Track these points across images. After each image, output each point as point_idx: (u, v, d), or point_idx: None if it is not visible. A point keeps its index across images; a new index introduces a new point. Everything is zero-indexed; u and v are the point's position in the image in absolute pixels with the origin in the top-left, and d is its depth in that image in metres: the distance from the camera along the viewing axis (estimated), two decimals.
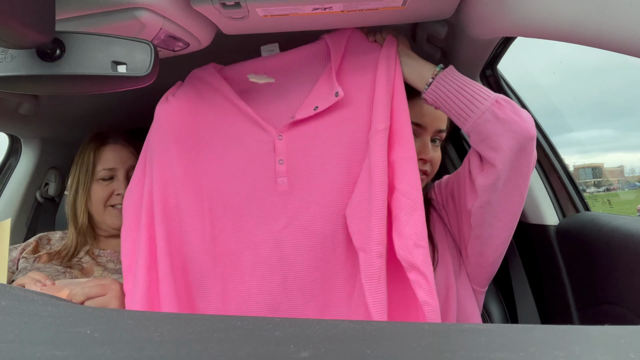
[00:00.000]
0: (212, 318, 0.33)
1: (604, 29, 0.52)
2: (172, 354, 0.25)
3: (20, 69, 0.56)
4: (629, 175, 4.22)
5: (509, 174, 0.74)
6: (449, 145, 2.03)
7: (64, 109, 1.35)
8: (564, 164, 1.21)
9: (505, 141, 0.72)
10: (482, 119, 0.73)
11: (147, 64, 0.56)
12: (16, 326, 0.29)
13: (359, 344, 0.26)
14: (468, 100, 0.75)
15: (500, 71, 1.23)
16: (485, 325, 0.31)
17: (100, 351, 0.25)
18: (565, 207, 1.15)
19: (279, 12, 0.77)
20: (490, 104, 0.73)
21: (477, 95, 0.75)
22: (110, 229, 1.07)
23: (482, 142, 0.75)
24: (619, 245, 0.88)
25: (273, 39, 0.97)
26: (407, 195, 0.73)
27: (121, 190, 1.06)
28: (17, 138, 1.40)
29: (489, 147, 0.74)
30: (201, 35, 0.84)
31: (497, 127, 0.72)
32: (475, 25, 0.82)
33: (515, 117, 0.73)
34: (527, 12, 0.65)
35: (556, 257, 1.10)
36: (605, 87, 42.47)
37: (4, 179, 1.41)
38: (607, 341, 0.27)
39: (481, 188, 0.78)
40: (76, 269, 1.03)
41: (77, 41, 0.56)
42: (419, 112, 0.89)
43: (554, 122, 1.85)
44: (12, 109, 1.19)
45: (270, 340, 0.27)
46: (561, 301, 1.09)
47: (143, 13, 0.70)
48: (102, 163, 1.07)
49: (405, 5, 0.76)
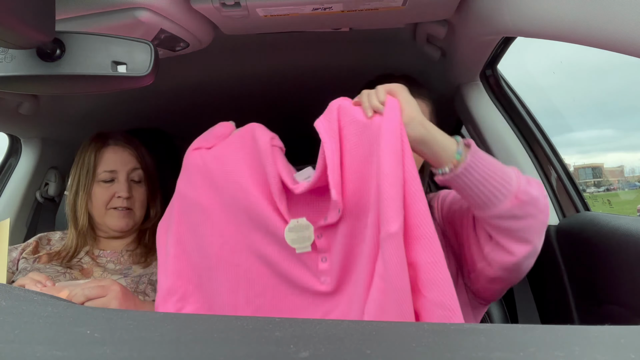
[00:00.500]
0: (212, 318, 0.33)
1: (604, 29, 0.52)
2: (172, 354, 0.25)
3: (20, 69, 0.56)
4: (629, 175, 4.23)
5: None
6: None
7: (64, 109, 1.35)
8: (564, 164, 1.21)
9: (535, 236, 0.67)
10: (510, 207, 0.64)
11: (147, 64, 0.56)
12: (16, 326, 0.29)
13: (359, 344, 0.26)
14: (495, 188, 0.65)
15: (500, 71, 1.23)
16: (485, 325, 0.31)
17: (100, 351, 0.25)
18: (565, 207, 1.15)
19: (279, 12, 0.77)
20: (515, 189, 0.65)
21: (503, 182, 0.65)
22: (111, 231, 1.07)
23: (505, 232, 0.67)
24: (619, 245, 0.88)
25: (273, 39, 0.97)
26: (443, 307, 0.61)
27: (122, 193, 1.05)
28: (17, 138, 1.40)
29: (515, 239, 0.67)
30: (201, 35, 0.84)
31: (527, 221, 0.65)
32: (475, 25, 0.82)
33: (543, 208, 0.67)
34: (527, 12, 0.65)
35: (556, 257, 1.10)
36: (605, 87, 42.54)
37: (4, 179, 1.41)
38: (607, 341, 0.27)
39: (495, 262, 0.71)
40: (76, 269, 1.02)
41: (77, 41, 0.56)
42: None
43: (554, 122, 1.85)
44: (12, 109, 1.19)
45: (270, 340, 0.27)
46: (561, 301, 1.09)
47: (143, 13, 0.70)
48: (103, 165, 1.07)
49: (405, 5, 0.76)
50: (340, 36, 1.00)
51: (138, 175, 1.10)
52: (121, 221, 1.05)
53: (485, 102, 1.22)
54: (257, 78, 1.37)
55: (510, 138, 1.20)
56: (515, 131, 1.20)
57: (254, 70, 1.31)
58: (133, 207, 1.07)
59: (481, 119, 1.23)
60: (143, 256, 1.07)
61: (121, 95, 1.37)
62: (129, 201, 1.06)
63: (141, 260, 1.06)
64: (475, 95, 1.23)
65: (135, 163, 1.10)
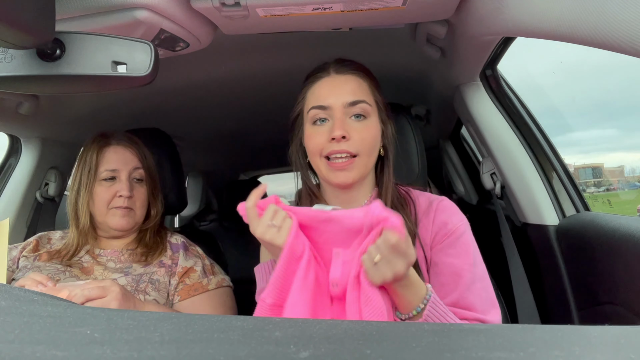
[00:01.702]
0: (212, 318, 0.33)
1: (604, 29, 0.52)
2: (172, 354, 0.25)
3: (20, 69, 0.56)
4: (629, 175, 4.22)
5: None
6: (449, 145, 2.03)
7: (64, 109, 1.35)
8: (564, 164, 1.21)
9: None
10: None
11: (147, 64, 0.56)
12: (16, 326, 0.29)
13: (359, 344, 0.26)
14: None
15: (500, 71, 1.23)
16: (485, 325, 0.31)
17: (100, 351, 0.25)
18: (565, 207, 1.15)
19: (278, 12, 0.77)
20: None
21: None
22: (112, 230, 1.07)
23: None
24: (619, 245, 0.88)
25: (273, 39, 0.97)
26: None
27: (123, 192, 1.05)
28: (17, 138, 1.40)
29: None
30: (201, 35, 0.84)
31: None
32: (475, 25, 0.82)
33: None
34: (527, 13, 0.65)
35: (556, 257, 1.10)
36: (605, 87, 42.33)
37: (4, 179, 1.41)
38: (607, 341, 0.27)
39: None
40: (76, 267, 1.03)
41: (77, 41, 0.56)
42: (319, 93, 0.82)
43: (554, 122, 1.85)
44: (12, 109, 1.19)
45: (270, 341, 0.27)
46: (561, 301, 1.09)
47: (143, 13, 0.70)
48: (105, 164, 1.07)
49: (405, 5, 0.76)
50: (340, 36, 1.00)
51: (139, 175, 1.10)
52: (122, 220, 1.05)
53: (485, 102, 1.22)
54: (257, 78, 1.37)
55: (510, 138, 1.20)
56: (515, 131, 1.20)
57: (254, 70, 1.31)
58: (134, 206, 1.08)
59: (481, 119, 1.23)
60: (143, 255, 1.07)
61: (121, 95, 1.37)
62: (130, 200, 1.06)
63: (142, 259, 1.06)
64: (475, 95, 1.22)
65: (136, 162, 1.10)
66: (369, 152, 0.81)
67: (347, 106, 0.79)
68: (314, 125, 0.81)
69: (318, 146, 0.80)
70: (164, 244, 1.11)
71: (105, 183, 1.06)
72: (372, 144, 0.81)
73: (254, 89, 1.48)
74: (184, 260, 1.07)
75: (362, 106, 0.80)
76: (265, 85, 1.44)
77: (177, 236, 1.15)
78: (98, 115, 1.46)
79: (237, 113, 1.73)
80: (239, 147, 2.33)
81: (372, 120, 0.81)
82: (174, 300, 1.03)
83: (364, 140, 0.79)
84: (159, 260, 1.06)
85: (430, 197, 0.86)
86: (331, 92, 0.81)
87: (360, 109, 0.80)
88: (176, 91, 1.41)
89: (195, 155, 2.23)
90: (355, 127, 0.79)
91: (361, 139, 0.79)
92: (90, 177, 1.06)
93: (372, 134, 0.81)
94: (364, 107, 0.80)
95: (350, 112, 0.80)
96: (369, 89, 0.83)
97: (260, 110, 1.73)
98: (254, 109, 1.71)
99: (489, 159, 1.28)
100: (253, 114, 1.77)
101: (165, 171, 1.29)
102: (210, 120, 1.78)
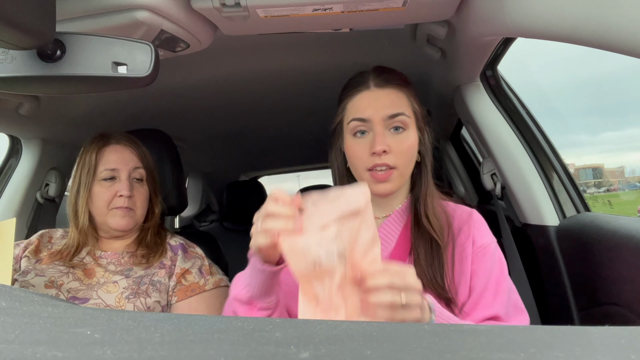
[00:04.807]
0: (212, 319, 0.33)
1: (604, 30, 0.52)
2: (172, 354, 0.25)
3: (21, 70, 0.56)
4: (630, 175, 4.22)
5: None
6: (449, 145, 2.03)
7: (64, 110, 1.35)
8: (565, 164, 1.21)
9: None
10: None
11: (147, 64, 0.57)
12: (17, 327, 0.29)
13: (359, 345, 0.26)
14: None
15: (500, 72, 1.23)
16: (486, 326, 0.31)
17: (100, 352, 0.25)
18: (565, 207, 1.15)
19: (279, 13, 0.77)
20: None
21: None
22: (112, 231, 1.07)
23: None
24: (619, 246, 0.88)
25: (273, 39, 0.97)
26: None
27: (123, 191, 1.05)
28: (17, 139, 1.40)
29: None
30: (201, 35, 0.84)
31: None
32: (475, 26, 0.82)
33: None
34: (527, 13, 0.65)
35: (556, 258, 1.10)
36: (606, 87, 42.43)
37: (4, 180, 1.41)
38: (608, 342, 0.27)
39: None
40: (79, 269, 1.03)
41: (77, 42, 0.56)
42: (359, 105, 0.84)
43: (554, 122, 1.85)
44: (12, 110, 1.19)
45: (271, 341, 0.27)
46: (561, 302, 1.09)
47: (143, 14, 0.70)
48: (104, 163, 1.07)
49: (405, 6, 0.76)
50: (340, 37, 1.00)
51: (139, 174, 1.10)
52: (123, 220, 1.05)
53: (485, 102, 1.22)
54: (257, 79, 1.37)
55: (510, 139, 1.20)
56: (515, 132, 1.20)
57: (253, 71, 1.31)
58: (134, 206, 1.07)
59: (481, 120, 1.23)
60: (144, 257, 1.07)
61: (122, 96, 1.37)
62: (131, 200, 1.06)
63: (142, 261, 1.06)
64: (475, 96, 1.23)
65: (136, 162, 1.10)
66: (407, 164, 0.84)
67: (387, 119, 0.82)
68: (354, 137, 0.84)
69: (361, 160, 0.83)
70: (164, 245, 1.11)
71: (105, 183, 1.06)
72: (410, 155, 0.84)
73: (254, 90, 1.48)
74: (182, 262, 1.07)
75: (401, 119, 0.82)
76: (266, 85, 1.44)
77: (176, 238, 1.15)
78: (98, 116, 1.46)
79: (237, 113, 1.73)
80: (240, 147, 2.33)
81: (410, 131, 0.84)
82: (171, 301, 1.03)
83: (403, 152, 0.82)
84: (160, 262, 1.06)
85: (469, 210, 0.87)
86: (371, 104, 0.83)
87: (400, 122, 0.82)
88: (176, 92, 1.41)
89: (196, 156, 2.23)
90: (395, 139, 0.82)
91: (400, 152, 0.82)
92: (89, 177, 1.06)
93: (410, 145, 0.84)
94: (403, 120, 0.82)
95: (389, 125, 0.82)
96: (407, 100, 0.85)
97: (260, 111, 1.73)
98: (255, 110, 1.71)
99: (490, 160, 1.28)
100: (253, 115, 1.77)
101: (165, 172, 1.29)
102: (211, 121, 1.79)
